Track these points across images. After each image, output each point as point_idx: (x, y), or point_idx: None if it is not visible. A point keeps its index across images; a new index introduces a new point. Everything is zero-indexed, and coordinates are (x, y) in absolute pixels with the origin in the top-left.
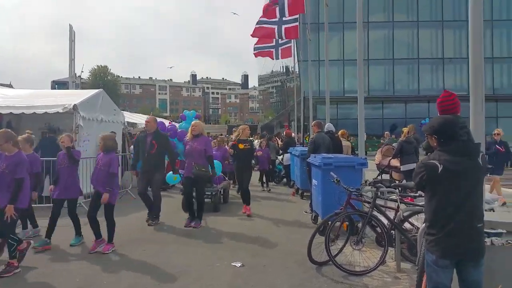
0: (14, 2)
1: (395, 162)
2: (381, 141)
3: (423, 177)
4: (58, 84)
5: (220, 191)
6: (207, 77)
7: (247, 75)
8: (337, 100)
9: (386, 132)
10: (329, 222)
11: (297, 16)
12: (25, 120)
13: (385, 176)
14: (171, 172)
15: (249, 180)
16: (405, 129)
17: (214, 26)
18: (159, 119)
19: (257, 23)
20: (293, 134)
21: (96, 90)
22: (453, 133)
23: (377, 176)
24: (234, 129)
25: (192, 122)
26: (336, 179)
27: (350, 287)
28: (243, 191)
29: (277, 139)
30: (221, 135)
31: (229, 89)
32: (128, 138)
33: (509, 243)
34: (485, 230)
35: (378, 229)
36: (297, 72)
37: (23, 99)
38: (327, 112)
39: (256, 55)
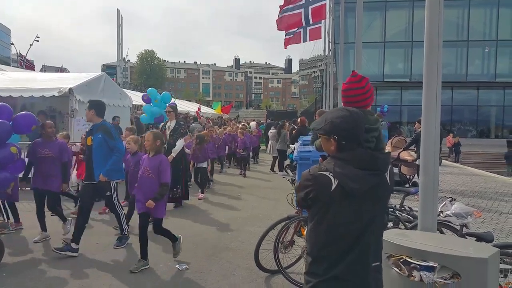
0: None
1: (405, 155)
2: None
3: (309, 194)
4: (108, 68)
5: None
6: (250, 62)
7: (291, 59)
8: (376, 85)
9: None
10: (279, 226)
11: None
12: (37, 105)
13: (395, 170)
14: None
15: None
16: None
17: (259, 10)
18: None
19: (281, 12)
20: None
21: (97, 73)
22: (360, 136)
23: None
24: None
25: None
26: (291, 178)
27: None
28: None
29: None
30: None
31: (272, 73)
32: (134, 123)
33: (442, 281)
34: (415, 261)
35: None
36: (329, 55)
37: (23, 82)
38: None
39: (285, 44)
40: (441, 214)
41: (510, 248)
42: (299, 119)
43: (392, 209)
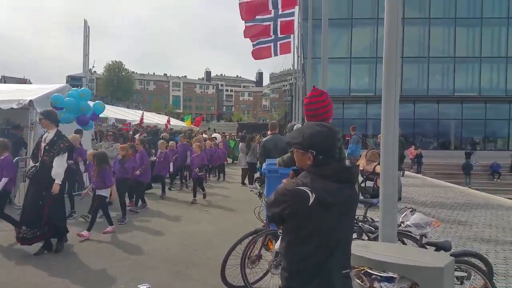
0: None
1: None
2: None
3: (285, 210)
4: (73, 79)
5: None
6: (221, 74)
7: (262, 73)
8: (343, 99)
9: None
10: (247, 241)
11: (293, 10)
12: None
13: (370, 184)
14: None
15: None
16: None
17: (231, 23)
18: None
19: (248, 22)
20: None
21: (60, 85)
22: (334, 149)
23: (360, 183)
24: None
25: None
26: (259, 192)
27: None
28: None
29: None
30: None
31: (243, 86)
32: (97, 134)
33: None
34: (375, 272)
35: None
36: (298, 70)
37: None
38: None
39: (254, 55)
40: (402, 224)
41: (467, 256)
42: (269, 132)
43: (355, 220)
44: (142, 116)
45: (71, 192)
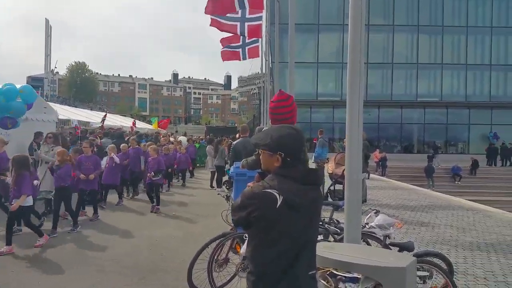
0: None
1: None
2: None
3: (252, 213)
4: (34, 80)
5: None
6: (189, 77)
7: (230, 76)
8: (310, 104)
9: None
10: (214, 244)
11: (261, 14)
12: None
13: (339, 187)
14: None
15: None
16: None
17: (199, 25)
18: None
19: (215, 15)
20: None
21: (18, 85)
22: (301, 151)
23: (329, 187)
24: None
25: None
26: (226, 195)
27: None
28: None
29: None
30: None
31: (211, 89)
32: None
33: None
34: (340, 273)
35: None
36: (266, 73)
37: None
38: None
39: (223, 58)
40: (366, 225)
41: (429, 256)
42: (237, 135)
43: (321, 222)
44: (104, 118)
45: None
